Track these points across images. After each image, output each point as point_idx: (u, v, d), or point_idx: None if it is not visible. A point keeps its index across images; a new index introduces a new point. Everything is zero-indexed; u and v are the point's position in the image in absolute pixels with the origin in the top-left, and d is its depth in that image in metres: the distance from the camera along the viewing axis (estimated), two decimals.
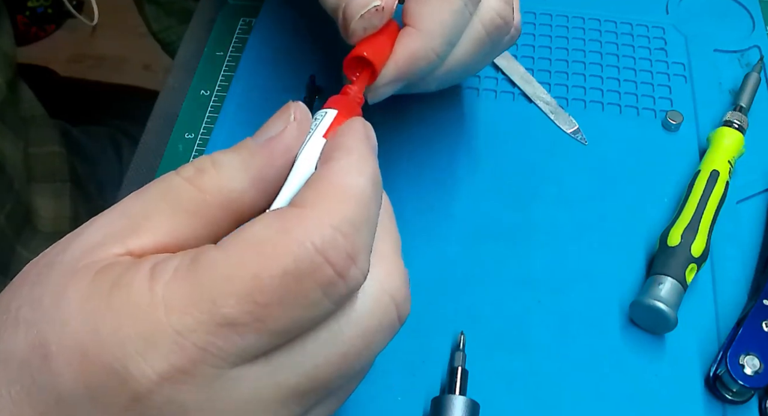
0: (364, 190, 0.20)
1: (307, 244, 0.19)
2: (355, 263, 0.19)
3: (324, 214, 0.19)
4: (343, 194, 0.20)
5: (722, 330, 0.34)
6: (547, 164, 0.40)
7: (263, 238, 0.19)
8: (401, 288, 0.21)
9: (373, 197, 0.20)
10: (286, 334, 0.19)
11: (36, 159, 0.51)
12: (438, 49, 0.29)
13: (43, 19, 1.31)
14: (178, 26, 0.55)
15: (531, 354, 0.33)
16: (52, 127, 0.53)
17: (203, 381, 0.19)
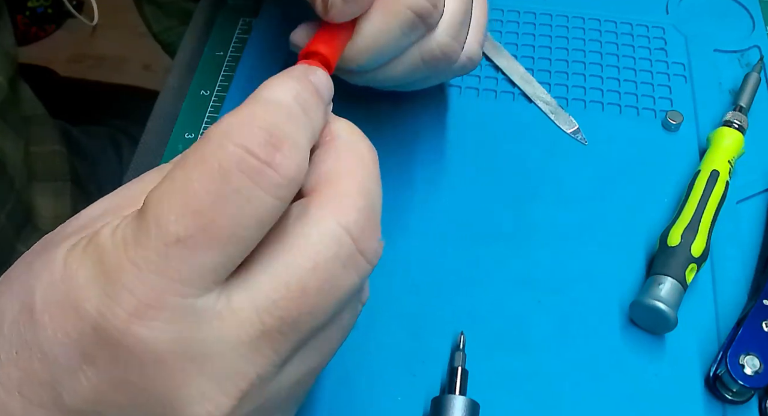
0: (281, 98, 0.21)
1: (228, 144, 0.19)
2: (279, 151, 0.19)
3: (242, 117, 0.20)
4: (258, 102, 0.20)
5: (722, 330, 0.34)
6: (547, 164, 0.40)
7: (186, 155, 0.19)
8: (358, 222, 0.21)
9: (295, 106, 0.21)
10: (237, 244, 0.19)
11: (37, 158, 0.51)
12: (361, 61, 0.30)
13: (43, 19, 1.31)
14: (179, 27, 0.55)
15: (531, 354, 0.33)
16: (52, 126, 0.53)
17: (171, 316, 0.19)
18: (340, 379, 0.32)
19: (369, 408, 0.32)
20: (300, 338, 0.21)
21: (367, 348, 0.33)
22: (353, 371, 0.32)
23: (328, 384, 0.32)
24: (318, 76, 0.23)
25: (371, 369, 0.32)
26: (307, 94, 0.22)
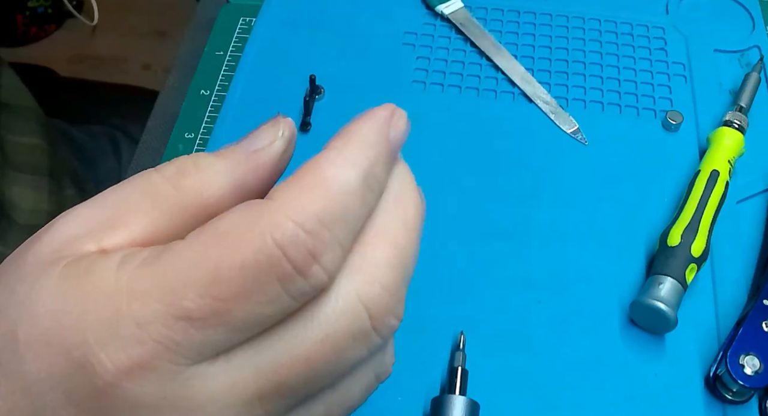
0: (346, 184, 0.19)
1: (268, 238, 0.18)
2: (317, 261, 0.18)
3: (290, 207, 0.18)
4: (318, 187, 0.18)
5: (722, 330, 0.34)
6: (547, 164, 0.40)
7: (227, 230, 0.18)
8: (380, 298, 0.20)
9: (359, 193, 0.19)
10: (245, 330, 0.18)
11: (14, 147, 0.51)
12: None
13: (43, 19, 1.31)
14: None
15: (531, 354, 0.33)
16: (37, 120, 0.53)
17: (161, 378, 0.18)
18: None
19: (369, 408, 0.32)
20: (296, 401, 0.20)
21: None
22: None
23: None
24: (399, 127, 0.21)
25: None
26: (380, 168, 0.20)
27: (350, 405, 0.22)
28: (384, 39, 0.43)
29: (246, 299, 0.18)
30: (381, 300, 0.20)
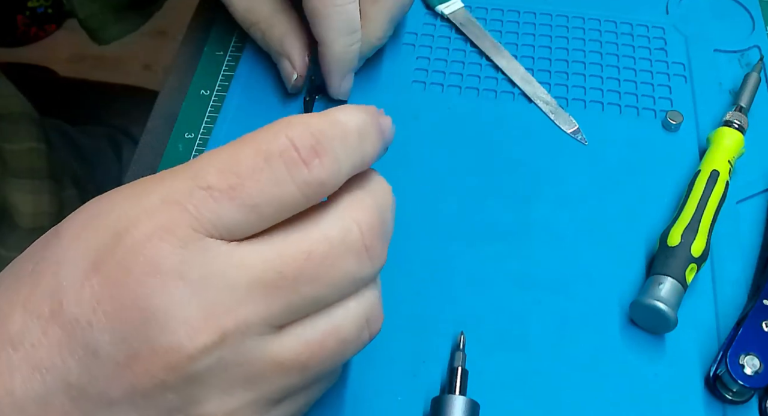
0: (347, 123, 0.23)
1: (281, 134, 0.22)
2: (319, 158, 0.22)
3: (306, 121, 0.23)
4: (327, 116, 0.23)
5: (722, 330, 0.34)
6: (547, 164, 0.40)
7: (253, 132, 0.23)
8: (369, 223, 0.23)
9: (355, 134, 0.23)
10: (257, 213, 0.22)
11: (12, 155, 0.51)
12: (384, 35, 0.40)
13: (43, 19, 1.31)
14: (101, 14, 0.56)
15: (531, 354, 0.33)
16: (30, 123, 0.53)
17: (180, 242, 0.21)
18: (340, 379, 0.32)
19: (369, 408, 0.32)
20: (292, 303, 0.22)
21: (367, 348, 0.33)
22: (353, 371, 0.32)
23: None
24: (387, 122, 0.26)
25: (371, 369, 0.32)
26: (370, 128, 0.24)
27: (343, 338, 0.24)
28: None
29: (257, 177, 0.22)
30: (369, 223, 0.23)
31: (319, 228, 0.23)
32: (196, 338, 0.21)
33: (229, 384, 0.22)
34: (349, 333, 0.24)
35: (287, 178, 0.22)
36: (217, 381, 0.22)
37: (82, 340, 0.21)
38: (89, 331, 0.21)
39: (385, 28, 0.40)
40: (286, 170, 0.22)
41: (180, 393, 0.22)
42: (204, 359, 0.21)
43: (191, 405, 0.22)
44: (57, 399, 0.22)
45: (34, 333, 0.22)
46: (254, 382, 0.22)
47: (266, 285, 0.22)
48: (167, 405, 0.22)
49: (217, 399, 0.22)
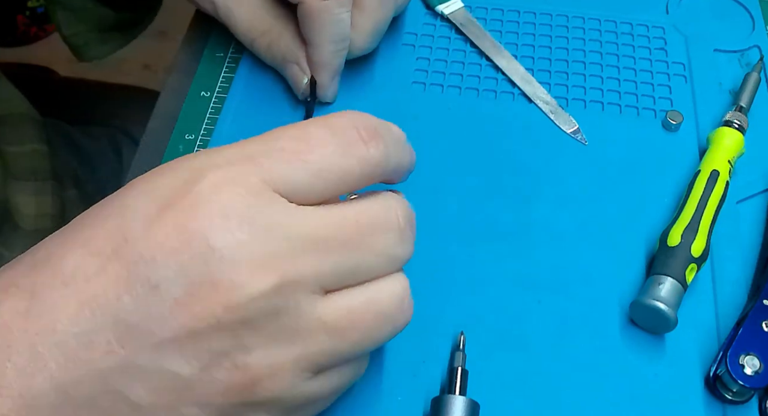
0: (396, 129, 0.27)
1: (346, 117, 0.25)
2: (375, 141, 0.25)
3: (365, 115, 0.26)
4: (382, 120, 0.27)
5: (722, 330, 0.34)
6: (547, 164, 0.40)
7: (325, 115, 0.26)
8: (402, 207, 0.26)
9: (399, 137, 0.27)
10: (321, 176, 0.24)
11: (14, 157, 0.51)
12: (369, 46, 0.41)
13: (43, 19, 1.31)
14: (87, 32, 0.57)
15: (531, 354, 0.33)
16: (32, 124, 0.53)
17: (248, 191, 0.23)
18: None
19: (369, 408, 0.32)
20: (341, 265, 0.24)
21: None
22: None
23: None
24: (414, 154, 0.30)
25: (371, 369, 0.32)
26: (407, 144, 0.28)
27: (382, 311, 0.25)
28: (384, 39, 0.43)
29: (324, 146, 0.24)
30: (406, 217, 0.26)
31: (365, 203, 0.25)
32: (257, 279, 0.22)
33: (277, 336, 0.23)
34: (387, 308, 0.25)
35: (349, 152, 0.24)
36: (266, 330, 0.23)
37: (144, 275, 0.22)
38: (153, 266, 0.22)
39: (371, 39, 0.40)
40: (348, 145, 0.24)
41: (231, 336, 0.22)
42: (261, 302, 0.22)
43: (238, 352, 0.23)
44: (102, 337, 0.22)
45: (90, 269, 0.23)
46: (300, 338, 0.23)
47: (320, 244, 0.23)
48: (215, 349, 0.22)
49: (263, 350, 0.23)
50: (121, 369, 0.22)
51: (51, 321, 0.22)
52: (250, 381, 0.23)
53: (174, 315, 0.22)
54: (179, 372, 0.22)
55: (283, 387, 0.24)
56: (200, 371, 0.23)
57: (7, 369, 0.22)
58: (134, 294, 0.22)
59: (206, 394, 0.23)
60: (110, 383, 0.22)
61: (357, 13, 0.39)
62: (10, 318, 0.23)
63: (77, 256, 0.23)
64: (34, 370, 0.22)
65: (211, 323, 0.22)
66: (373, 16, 0.40)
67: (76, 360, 0.22)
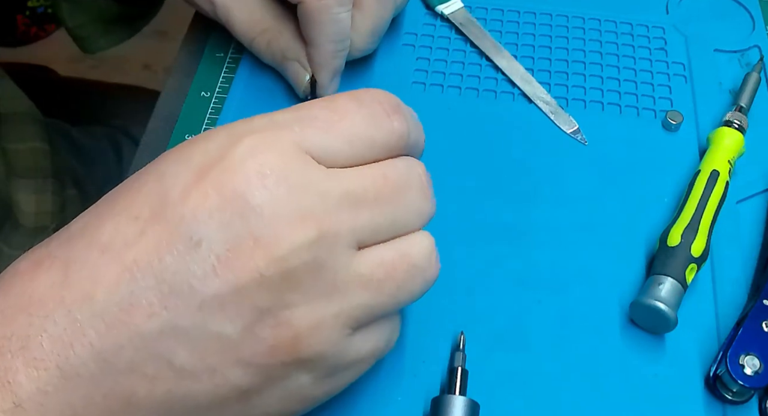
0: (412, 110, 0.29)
1: (370, 93, 0.26)
2: (397, 115, 0.26)
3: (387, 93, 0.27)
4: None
5: (722, 330, 0.34)
6: (547, 164, 0.40)
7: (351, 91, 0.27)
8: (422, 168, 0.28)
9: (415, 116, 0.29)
10: (350, 143, 0.25)
11: (16, 155, 0.51)
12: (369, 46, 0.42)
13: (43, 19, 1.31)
14: (90, 23, 0.57)
15: (531, 354, 0.33)
16: (33, 123, 0.53)
17: (283, 152, 0.23)
18: None
19: (369, 408, 0.32)
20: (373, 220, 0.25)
21: None
22: None
23: None
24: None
25: (371, 369, 0.32)
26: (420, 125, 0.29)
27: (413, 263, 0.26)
28: (384, 39, 0.43)
29: (352, 116, 0.25)
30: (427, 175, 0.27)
31: (389, 163, 0.26)
32: (297, 232, 0.23)
33: (317, 291, 0.23)
34: (418, 260, 0.26)
35: (375, 123, 0.25)
36: (307, 285, 0.23)
37: (186, 233, 0.22)
38: (194, 225, 0.22)
39: (371, 39, 0.40)
40: (374, 117, 0.26)
41: (273, 291, 0.22)
42: (301, 254, 0.23)
43: (281, 309, 0.23)
44: (144, 300, 0.22)
45: (128, 234, 0.23)
46: (339, 293, 0.24)
47: (353, 199, 0.24)
48: (258, 306, 0.22)
49: (304, 306, 0.23)
50: (165, 332, 0.22)
51: (89, 289, 0.22)
52: (293, 338, 0.23)
53: (217, 272, 0.22)
54: (223, 332, 0.22)
55: (326, 344, 0.24)
56: (244, 330, 0.23)
57: (43, 341, 0.22)
58: (176, 253, 0.22)
59: (250, 354, 0.23)
60: (153, 347, 0.22)
61: (357, 13, 0.39)
62: (45, 290, 0.23)
63: (114, 223, 0.23)
64: (72, 340, 0.22)
65: (254, 278, 0.22)
66: (373, 16, 0.40)
67: (116, 326, 0.22)
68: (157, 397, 0.23)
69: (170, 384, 0.23)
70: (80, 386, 0.22)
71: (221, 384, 0.23)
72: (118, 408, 0.23)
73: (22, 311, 0.22)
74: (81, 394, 0.22)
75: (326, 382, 0.25)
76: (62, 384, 0.22)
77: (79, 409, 0.22)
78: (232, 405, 0.24)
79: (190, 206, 0.22)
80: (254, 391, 0.24)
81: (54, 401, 0.22)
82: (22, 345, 0.22)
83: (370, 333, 0.26)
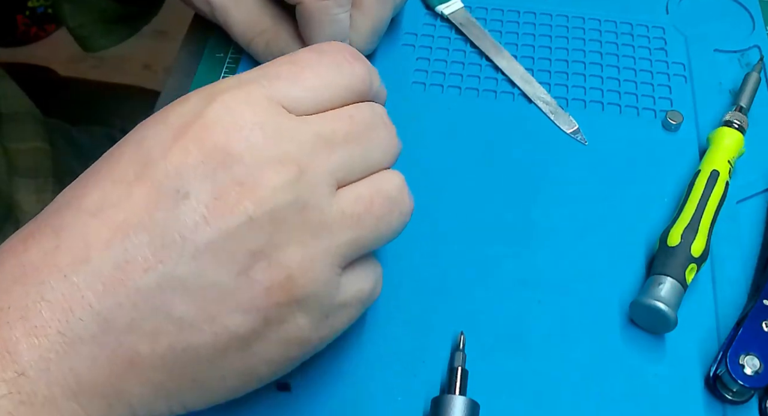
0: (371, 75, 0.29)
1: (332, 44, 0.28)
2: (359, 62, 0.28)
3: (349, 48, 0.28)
4: None
5: (722, 330, 0.34)
6: (547, 164, 0.40)
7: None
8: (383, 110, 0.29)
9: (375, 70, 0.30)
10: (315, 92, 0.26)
11: (17, 154, 0.51)
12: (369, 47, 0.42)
13: (43, 19, 1.31)
14: (91, 23, 0.57)
15: (531, 354, 0.33)
16: (35, 123, 0.53)
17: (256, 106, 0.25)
18: (340, 379, 0.32)
19: (369, 408, 0.32)
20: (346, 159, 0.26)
21: (367, 348, 0.33)
22: (353, 371, 0.32)
23: (328, 384, 0.32)
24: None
25: (371, 369, 0.32)
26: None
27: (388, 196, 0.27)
28: (384, 39, 0.43)
29: (314, 66, 0.26)
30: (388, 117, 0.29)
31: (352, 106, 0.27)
32: (279, 173, 0.24)
33: (305, 230, 0.24)
34: (392, 193, 0.27)
35: (337, 68, 0.27)
36: (294, 225, 0.24)
37: (172, 188, 0.23)
38: (179, 179, 0.23)
39: (370, 39, 0.41)
40: (336, 64, 0.27)
41: (263, 233, 0.23)
42: (285, 194, 0.24)
43: (272, 250, 0.24)
44: (139, 254, 0.23)
45: (116, 196, 0.23)
46: (325, 230, 0.25)
47: (325, 140, 0.25)
48: (250, 249, 0.23)
49: (294, 246, 0.24)
50: (162, 285, 0.23)
51: (83, 253, 0.23)
52: (287, 278, 0.24)
53: (207, 221, 0.23)
54: (218, 279, 0.23)
55: (317, 283, 0.25)
56: (238, 275, 0.23)
57: (42, 309, 0.22)
58: (165, 208, 0.23)
59: (247, 299, 0.24)
60: (151, 302, 0.23)
61: (356, 14, 0.39)
62: (39, 258, 0.23)
63: (100, 189, 0.24)
64: (71, 304, 0.22)
65: (243, 221, 0.23)
66: (372, 16, 0.40)
67: (114, 285, 0.22)
68: (159, 353, 0.23)
69: (171, 338, 0.23)
70: (83, 349, 0.22)
71: (221, 333, 0.24)
72: (122, 369, 0.23)
73: (17, 282, 0.23)
74: (84, 357, 0.22)
75: (321, 325, 0.26)
76: (64, 349, 0.22)
77: (83, 374, 0.22)
78: (233, 355, 0.24)
79: (174, 162, 0.23)
80: (253, 338, 0.24)
81: (57, 367, 0.22)
82: (21, 315, 0.22)
83: (357, 275, 0.27)
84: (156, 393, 0.24)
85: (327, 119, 0.26)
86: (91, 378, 0.23)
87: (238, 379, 0.25)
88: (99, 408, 0.23)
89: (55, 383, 0.22)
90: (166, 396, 0.24)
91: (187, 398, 0.25)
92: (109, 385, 0.23)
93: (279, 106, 0.25)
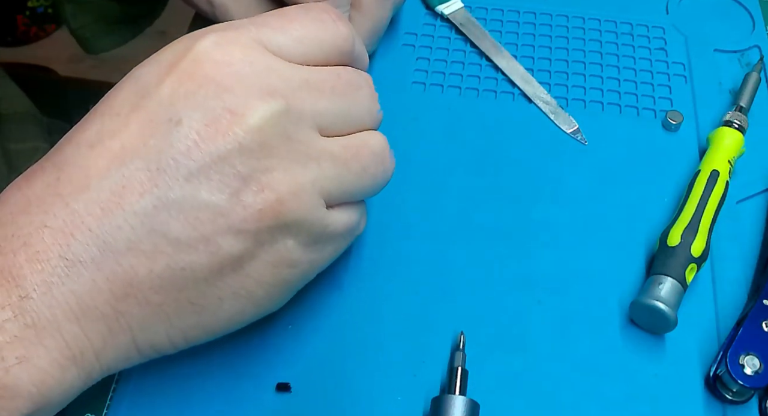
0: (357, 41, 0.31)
1: (317, 4, 0.29)
2: (343, 22, 0.28)
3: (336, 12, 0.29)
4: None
5: (722, 330, 0.34)
6: (547, 164, 0.40)
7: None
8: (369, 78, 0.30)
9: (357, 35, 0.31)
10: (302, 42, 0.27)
11: (17, 154, 0.51)
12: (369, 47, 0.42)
13: (43, 19, 1.31)
14: (94, 23, 0.58)
15: (531, 354, 0.33)
16: (34, 123, 0.53)
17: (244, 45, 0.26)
18: (340, 379, 0.32)
19: (369, 408, 0.32)
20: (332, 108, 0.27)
21: (367, 348, 0.33)
22: (353, 371, 0.32)
23: (329, 384, 0.32)
24: None
25: (371, 369, 0.32)
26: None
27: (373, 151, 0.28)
28: (383, 39, 0.43)
29: (301, 19, 0.27)
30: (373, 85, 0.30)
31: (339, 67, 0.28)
32: (268, 103, 0.25)
33: (292, 159, 0.26)
34: (377, 149, 0.29)
35: (322, 25, 0.28)
36: (282, 152, 0.25)
37: (165, 116, 0.24)
38: (172, 107, 0.24)
39: (370, 40, 0.41)
40: (322, 21, 0.28)
41: (253, 157, 0.25)
42: (273, 124, 0.25)
43: (262, 174, 0.25)
44: (135, 179, 0.24)
45: (113, 127, 0.25)
46: (312, 162, 0.26)
47: (312, 85, 0.26)
48: (241, 172, 0.24)
49: (283, 171, 0.25)
50: (157, 207, 0.24)
51: (83, 181, 0.24)
52: (276, 202, 0.25)
53: (199, 146, 0.24)
54: (212, 200, 0.24)
55: (305, 209, 0.26)
56: (231, 196, 0.24)
57: (44, 235, 0.23)
58: (159, 135, 0.24)
59: (239, 220, 0.25)
60: (148, 223, 0.24)
61: (356, 14, 0.39)
62: (42, 190, 0.24)
63: (98, 123, 0.25)
64: (71, 229, 0.23)
65: (234, 146, 0.24)
66: (371, 16, 0.40)
67: (112, 208, 0.24)
68: (156, 273, 0.24)
69: (168, 259, 0.24)
70: (83, 272, 0.23)
71: (215, 252, 0.25)
72: (121, 291, 0.24)
73: (21, 212, 0.24)
74: (85, 280, 0.23)
75: (310, 250, 0.27)
76: (66, 272, 0.23)
77: (83, 296, 0.23)
78: (228, 275, 0.25)
79: (167, 92, 0.25)
80: (246, 258, 0.25)
81: (59, 290, 0.23)
82: (24, 242, 0.23)
83: (343, 212, 0.28)
84: (155, 317, 0.25)
85: (314, 71, 0.27)
86: (92, 300, 0.24)
87: (236, 301, 0.26)
88: (100, 332, 0.24)
89: (57, 306, 0.23)
90: (166, 319, 0.25)
91: (187, 324, 0.26)
92: (109, 307, 0.24)
93: (266, 49, 0.26)
